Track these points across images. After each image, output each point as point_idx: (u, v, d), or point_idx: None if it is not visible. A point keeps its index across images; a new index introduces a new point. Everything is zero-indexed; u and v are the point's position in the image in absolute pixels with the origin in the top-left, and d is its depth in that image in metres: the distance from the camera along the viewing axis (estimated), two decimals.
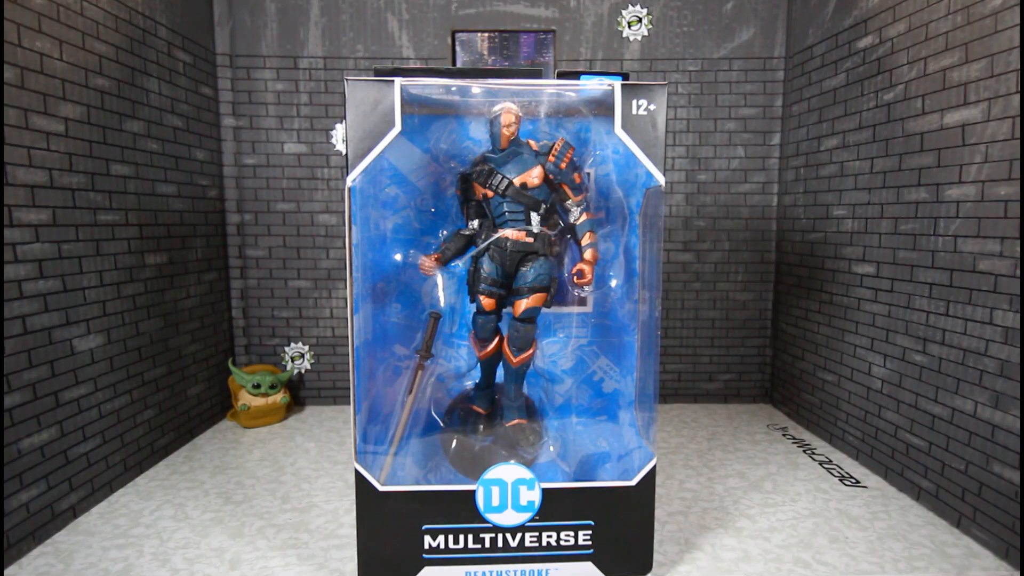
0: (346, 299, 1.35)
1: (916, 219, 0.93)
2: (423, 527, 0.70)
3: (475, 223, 0.73)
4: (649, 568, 0.73)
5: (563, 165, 0.70)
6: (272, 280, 1.36)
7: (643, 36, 1.31)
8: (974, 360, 0.83)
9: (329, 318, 1.38)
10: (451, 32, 0.83)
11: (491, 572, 0.71)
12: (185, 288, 1.18)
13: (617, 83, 0.67)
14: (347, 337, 1.14)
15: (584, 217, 0.73)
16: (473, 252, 0.73)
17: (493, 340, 0.74)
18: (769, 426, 1.27)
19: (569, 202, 0.72)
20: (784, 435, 1.22)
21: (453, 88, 0.68)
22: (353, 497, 0.72)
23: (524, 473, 0.69)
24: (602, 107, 0.69)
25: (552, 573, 0.71)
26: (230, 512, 0.90)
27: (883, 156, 1.00)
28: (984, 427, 0.81)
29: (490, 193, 0.70)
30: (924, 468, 0.92)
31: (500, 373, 0.77)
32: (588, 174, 0.73)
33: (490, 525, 0.70)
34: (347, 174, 0.66)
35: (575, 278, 0.72)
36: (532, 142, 0.71)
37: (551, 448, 0.76)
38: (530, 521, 0.70)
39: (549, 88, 0.69)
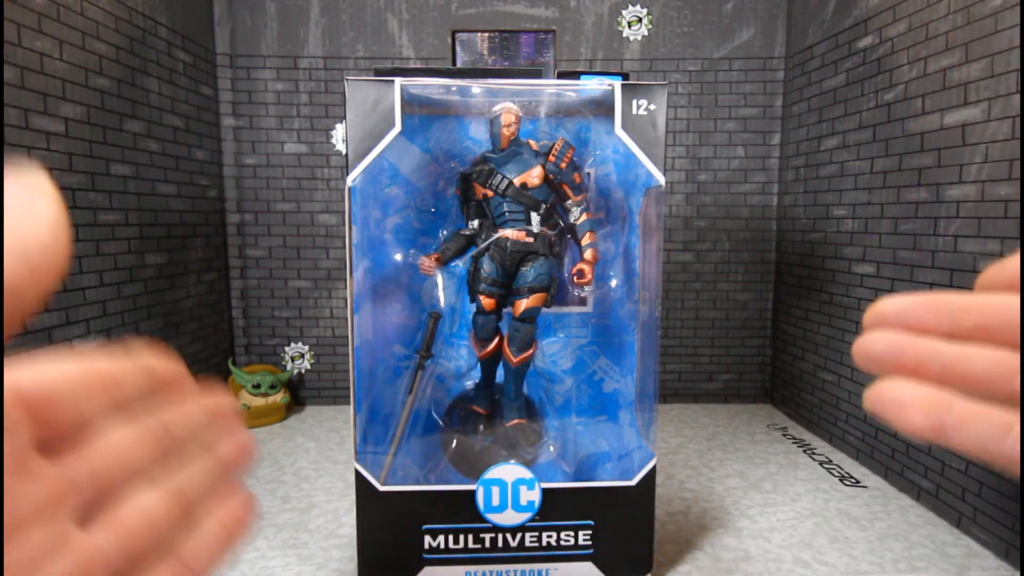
0: (346, 299, 1.35)
1: (916, 219, 0.93)
2: (423, 527, 0.70)
3: (475, 223, 0.73)
4: (649, 568, 0.73)
5: (563, 165, 0.70)
6: (272, 280, 1.36)
7: (643, 36, 1.31)
8: None
9: (329, 318, 1.38)
10: (451, 32, 0.83)
11: (491, 572, 0.71)
12: (185, 288, 1.18)
13: (617, 83, 0.67)
14: (347, 337, 1.15)
15: (584, 217, 0.73)
16: (473, 252, 0.73)
17: (493, 340, 0.74)
18: (769, 426, 1.27)
19: (569, 202, 0.72)
20: (784, 435, 1.22)
21: (453, 88, 0.68)
22: (353, 497, 0.72)
23: (524, 473, 0.69)
24: (602, 107, 0.69)
25: (552, 573, 0.71)
26: None
27: (883, 156, 1.00)
28: None
29: (490, 193, 0.70)
30: (924, 468, 0.92)
31: (500, 373, 0.77)
32: (588, 174, 0.73)
33: (490, 525, 0.70)
34: (347, 174, 0.66)
35: (575, 278, 0.72)
36: (532, 142, 0.71)
37: (551, 448, 0.76)
38: (530, 521, 0.70)
39: (549, 88, 0.69)
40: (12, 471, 0.14)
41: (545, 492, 0.70)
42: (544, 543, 0.71)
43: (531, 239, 0.71)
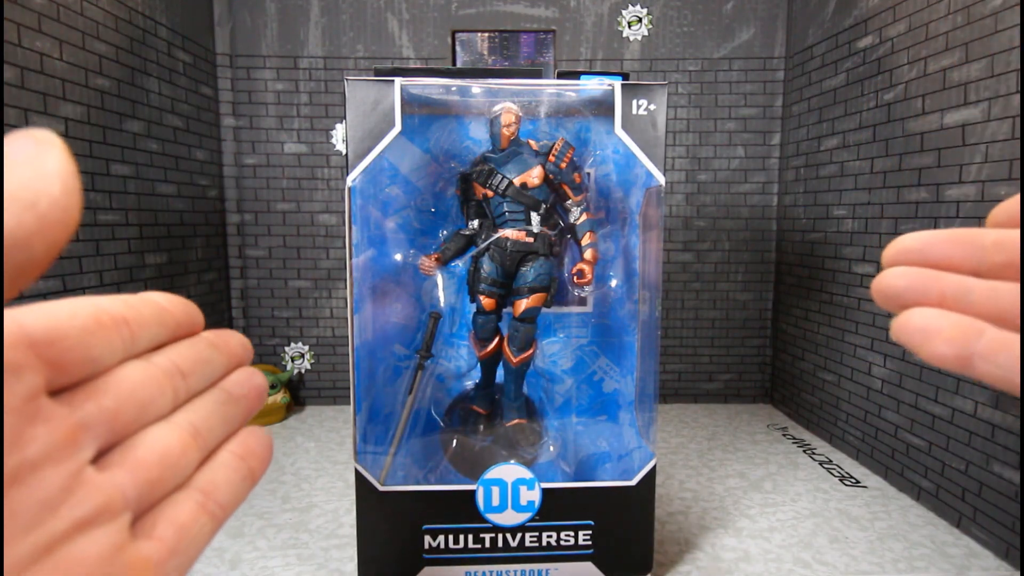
0: (346, 299, 1.35)
1: (916, 219, 0.93)
2: (423, 527, 0.70)
3: (475, 223, 0.73)
4: (649, 568, 0.73)
5: (563, 165, 0.70)
6: (272, 280, 1.36)
7: (643, 36, 1.31)
8: None
9: (329, 318, 1.38)
10: (451, 32, 0.83)
11: (491, 572, 0.71)
12: (185, 288, 1.18)
13: (617, 83, 0.67)
14: (347, 337, 1.14)
15: (584, 217, 0.73)
16: (473, 252, 0.73)
17: (493, 340, 0.74)
18: (769, 426, 1.27)
19: (569, 202, 0.72)
20: (784, 435, 1.22)
21: (453, 88, 0.68)
22: (353, 497, 0.72)
23: (524, 473, 0.69)
24: (602, 107, 0.69)
25: (552, 573, 0.71)
26: None
27: (883, 156, 1.00)
28: (984, 427, 0.81)
29: (490, 193, 0.70)
30: (924, 468, 0.92)
31: (500, 373, 0.77)
32: (588, 174, 0.73)
33: (490, 525, 0.70)
34: (347, 174, 0.66)
35: (575, 278, 0.72)
36: (532, 142, 0.71)
37: (551, 448, 0.76)
38: (530, 521, 0.70)
39: (549, 88, 0.69)
40: (22, 414, 0.14)
41: (545, 492, 0.70)
42: (544, 543, 0.71)
43: (531, 239, 0.71)
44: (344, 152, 0.98)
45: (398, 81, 0.65)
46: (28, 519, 0.14)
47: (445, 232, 0.74)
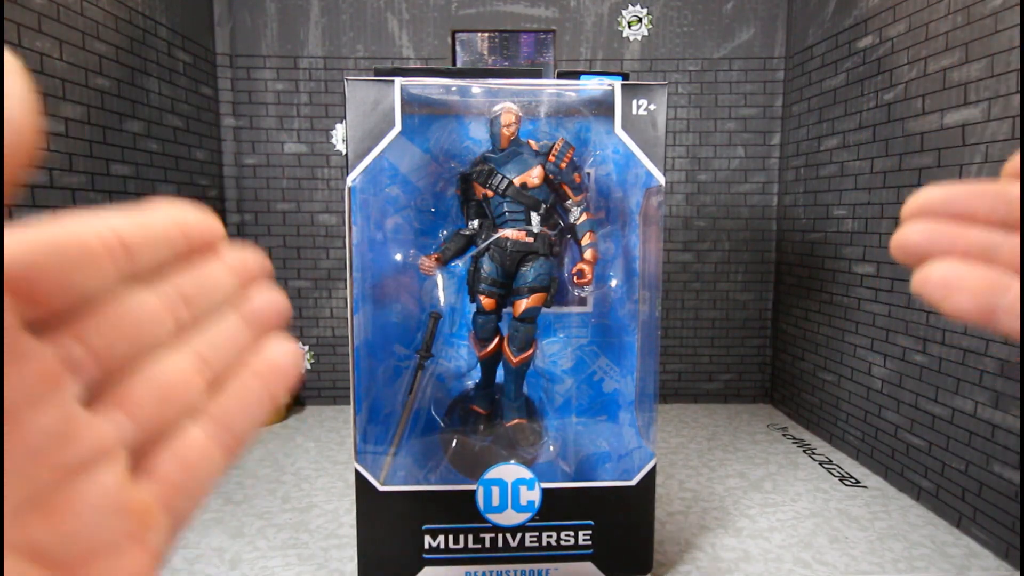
0: (346, 299, 1.35)
1: None
2: (423, 527, 0.70)
3: (475, 223, 0.73)
4: (649, 568, 0.73)
5: (563, 165, 0.70)
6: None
7: (643, 36, 1.31)
8: (974, 360, 0.83)
9: (329, 318, 1.38)
10: (451, 32, 0.83)
11: (491, 572, 0.71)
12: None
13: (617, 83, 0.67)
14: (347, 337, 1.14)
15: (584, 217, 0.73)
16: (473, 252, 0.73)
17: (493, 340, 0.74)
18: (769, 426, 1.27)
19: (569, 202, 0.72)
20: (784, 435, 1.22)
21: (453, 88, 0.68)
22: (353, 497, 0.72)
23: (524, 473, 0.69)
24: (602, 107, 0.69)
25: (552, 573, 0.71)
26: (230, 512, 0.90)
27: (883, 156, 1.00)
28: (984, 427, 0.81)
29: (490, 193, 0.70)
30: (924, 468, 0.92)
31: (500, 373, 0.77)
32: (588, 174, 0.73)
33: (490, 525, 0.70)
34: (347, 174, 0.66)
35: (575, 278, 0.72)
36: (532, 142, 0.71)
37: (551, 448, 0.76)
38: (530, 521, 0.70)
39: (549, 88, 0.69)
40: None
41: (545, 492, 0.70)
42: (544, 543, 0.71)
43: (531, 239, 0.71)
44: (344, 152, 0.98)
45: (398, 81, 0.65)
46: (8, 471, 0.13)
47: (445, 232, 0.74)
